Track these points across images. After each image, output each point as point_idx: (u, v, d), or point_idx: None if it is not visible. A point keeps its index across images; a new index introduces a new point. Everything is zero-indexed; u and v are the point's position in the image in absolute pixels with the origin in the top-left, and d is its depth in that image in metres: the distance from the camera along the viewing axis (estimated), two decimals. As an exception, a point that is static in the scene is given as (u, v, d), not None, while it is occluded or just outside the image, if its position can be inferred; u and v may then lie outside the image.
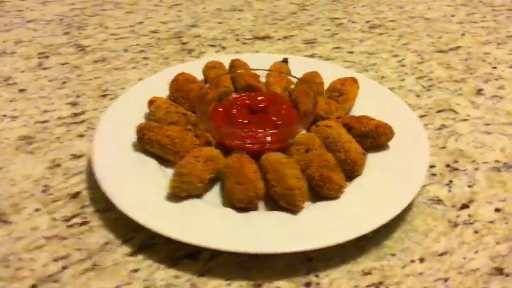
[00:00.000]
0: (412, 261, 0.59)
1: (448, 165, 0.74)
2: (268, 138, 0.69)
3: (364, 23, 1.15)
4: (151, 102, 0.75)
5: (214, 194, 0.65)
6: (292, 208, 0.61)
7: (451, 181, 0.71)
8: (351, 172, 0.67)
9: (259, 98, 0.76)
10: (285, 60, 0.86)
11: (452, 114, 0.85)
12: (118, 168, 0.66)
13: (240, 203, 0.62)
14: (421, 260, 0.59)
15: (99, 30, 1.10)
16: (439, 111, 0.85)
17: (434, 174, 0.72)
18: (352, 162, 0.66)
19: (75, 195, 0.67)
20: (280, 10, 1.21)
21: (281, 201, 0.62)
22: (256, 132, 0.70)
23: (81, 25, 1.13)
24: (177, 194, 0.62)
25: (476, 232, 0.63)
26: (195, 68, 0.83)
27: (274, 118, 0.72)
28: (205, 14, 1.18)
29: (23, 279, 0.56)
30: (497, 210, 0.66)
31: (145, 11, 1.20)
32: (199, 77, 0.82)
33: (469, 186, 0.70)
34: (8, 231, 0.62)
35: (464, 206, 0.67)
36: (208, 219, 0.60)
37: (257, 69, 0.82)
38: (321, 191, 0.63)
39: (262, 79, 0.82)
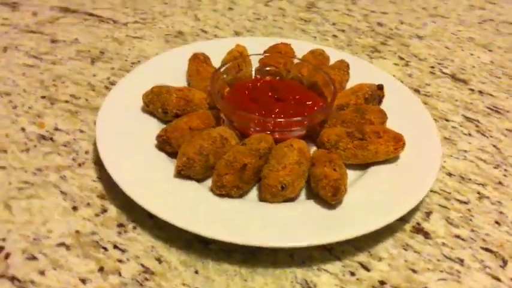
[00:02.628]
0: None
1: (382, 282, 0.56)
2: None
3: None
4: (235, 46, 0.82)
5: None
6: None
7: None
8: (260, 193, 0.62)
9: (294, 92, 0.73)
10: (380, 87, 0.75)
11: (494, 263, 0.59)
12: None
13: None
14: None
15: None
16: (486, 250, 0.61)
17: (353, 274, 0.57)
18: (264, 183, 0.61)
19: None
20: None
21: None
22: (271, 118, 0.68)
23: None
24: (144, 106, 0.72)
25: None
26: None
27: (282, 111, 0.70)
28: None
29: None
30: None
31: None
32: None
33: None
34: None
35: None
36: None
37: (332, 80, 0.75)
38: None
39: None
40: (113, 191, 0.63)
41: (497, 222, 0.65)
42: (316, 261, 0.58)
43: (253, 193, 0.63)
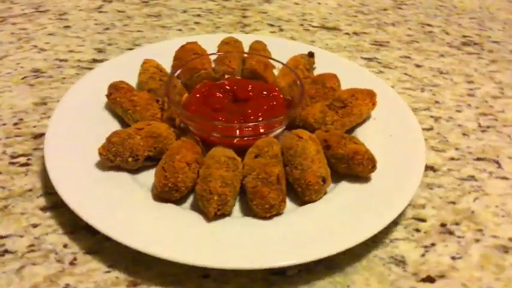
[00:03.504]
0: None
1: (443, 225, 0.59)
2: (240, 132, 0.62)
3: (458, 37, 0.97)
4: (143, 63, 0.71)
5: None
6: (205, 213, 0.54)
7: (433, 244, 0.56)
8: (302, 195, 0.57)
9: (249, 87, 0.68)
10: (311, 55, 0.75)
11: (492, 167, 0.67)
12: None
13: (156, 190, 0.55)
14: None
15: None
16: (478, 159, 0.68)
17: (417, 230, 0.58)
18: (304, 184, 0.56)
19: (37, 136, 0.67)
20: (372, 3, 1.08)
21: (199, 202, 0.54)
22: (223, 124, 0.62)
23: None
24: (104, 162, 0.58)
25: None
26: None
27: (256, 111, 0.64)
28: (288, -8, 1.10)
29: None
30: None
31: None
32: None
33: (453, 258, 0.55)
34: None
35: (429, 279, 0.53)
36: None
37: (271, 58, 0.72)
38: (250, 205, 0.55)
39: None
40: (140, 271, 0.51)
41: (464, 134, 0.73)
42: (383, 234, 0.57)
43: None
